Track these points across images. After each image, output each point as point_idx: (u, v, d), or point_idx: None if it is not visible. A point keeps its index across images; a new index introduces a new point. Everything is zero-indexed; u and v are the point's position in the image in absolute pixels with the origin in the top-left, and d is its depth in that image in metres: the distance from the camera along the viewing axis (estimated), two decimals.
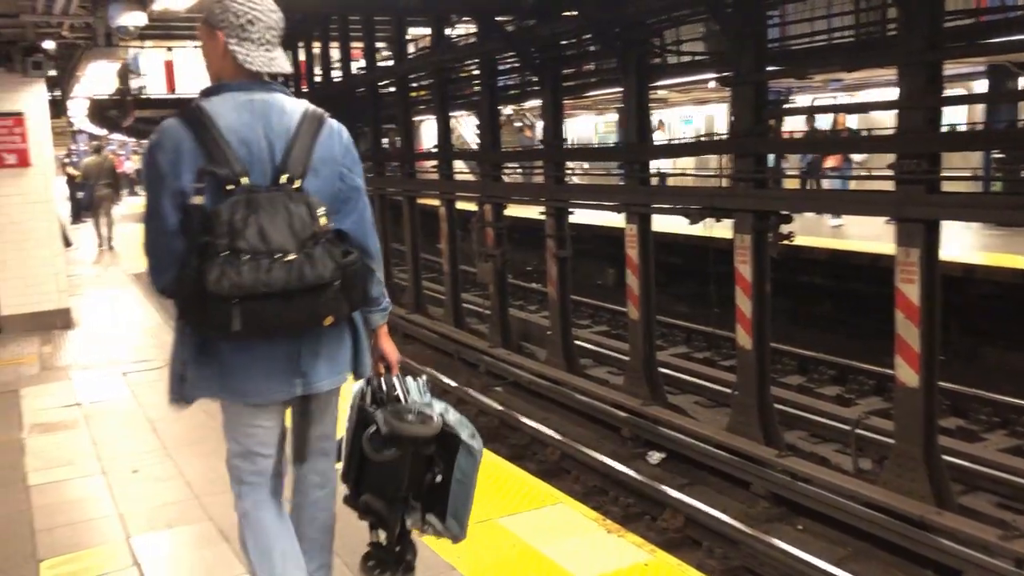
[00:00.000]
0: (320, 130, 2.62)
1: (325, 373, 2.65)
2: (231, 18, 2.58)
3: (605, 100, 18.73)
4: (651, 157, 8.83)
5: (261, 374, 2.58)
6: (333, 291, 2.49)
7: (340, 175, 2.65)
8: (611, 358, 11.12)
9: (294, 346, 2.58)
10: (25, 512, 4.28)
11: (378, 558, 3.02)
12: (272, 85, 2.67)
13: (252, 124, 2.54)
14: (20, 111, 8.50)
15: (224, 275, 2.35)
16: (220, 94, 2.57)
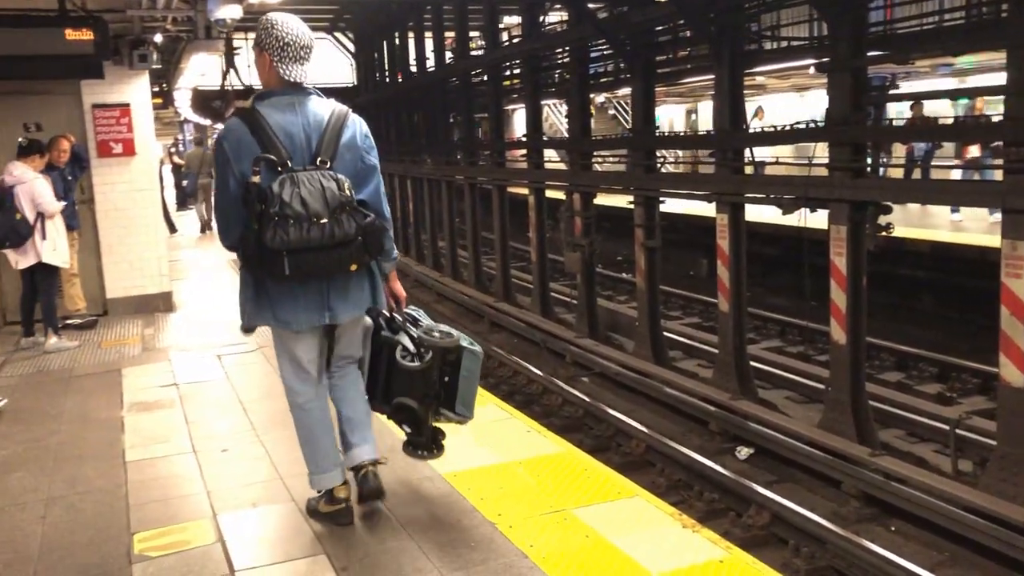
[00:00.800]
0: (344, 123, 3.51)
1: (346, 309, 3.58)
2: (274, 43, 3.44)
3: (701, 87, 18.37)
4: (743, 145, 8.61)
5: (300, 308, 3.51)
6: (357, 245, 3.38)
7: (361, 157, 3.54)
8: (702, 351, 10.94)
9: (323, 288, 3.51)
10: (121, 486, 4.47)
11: (415, 443, 3.94)
12: (307, 89, 3.51)
13: (293, 120, 3.43)
14: (126, 102, 8.87)
15: (276, 234, 3.24)
16: (269, 98, 3.47)
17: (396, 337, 3.82)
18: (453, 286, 15.63)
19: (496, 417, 5.23)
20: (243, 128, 3.38)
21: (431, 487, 4.21)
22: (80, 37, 7.43)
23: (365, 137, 3.57)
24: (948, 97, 14.04)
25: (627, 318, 12.35)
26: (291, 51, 3.44)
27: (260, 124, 3.37)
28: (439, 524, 3.80)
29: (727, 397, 8.31)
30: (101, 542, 3.85)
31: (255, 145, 3.35)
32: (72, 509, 4.25)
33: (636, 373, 9.58)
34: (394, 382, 3.83)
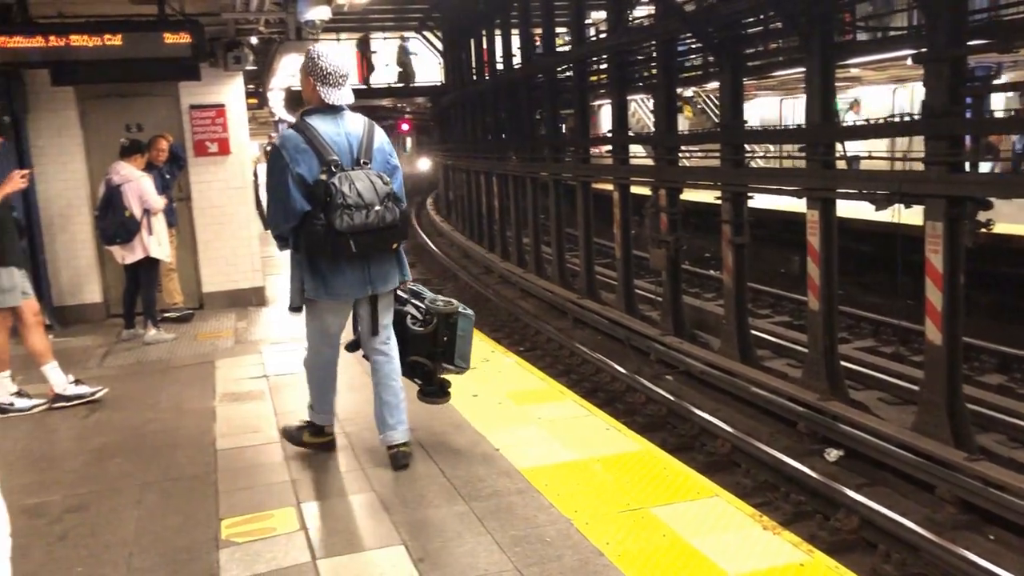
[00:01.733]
0: (374, 132, 4.39)
1: (384, 282, 4.42)
2: (319, 71, 4.23)
3: (794, 80, 17.93)
4: (834, 139, 8.36)
5: (347, 283, 4.33)
6: (399, 228, 4.28)
7: (387, 159, 4.42)
8: (791, 350, 10.68)
9: (364, 267, 4.32)
10: (211, 474, 4.63)
11: (428, 392, 4.79)
12: (342, 108, 4.33)
13: (337, 131, 4.27)
14: (222, 103, 9.17)
15: (343, 220, 4.07)
16: (315, 114, 4.29)
17: (404, 308, 4.66)
18: (537, 282, 15.65)
19: (575, 414, 5.22)
20: (299, 138, 4.20)
21: (508, 482, 4.23)
22: (178, 40, 7.71)
23: (388, 142, 4.48)
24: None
25: (714, 316, 12.15)
26: (332, 79, 4.24)
27: (312, 134, 4.20)
28: (515, 519, 3.82)
29: (816, 397, 8.10)
30: (191, 527, 3.99)
31: (310, 152, 4.17)
32: (165, 495, 4.43)
33: (722, 372, 9.42)
34: (408, 345, 4.62)
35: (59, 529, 4.04)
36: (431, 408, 5.44)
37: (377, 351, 4.53)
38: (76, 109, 8.94)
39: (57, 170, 8.87)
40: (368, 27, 24.65)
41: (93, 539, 3.93)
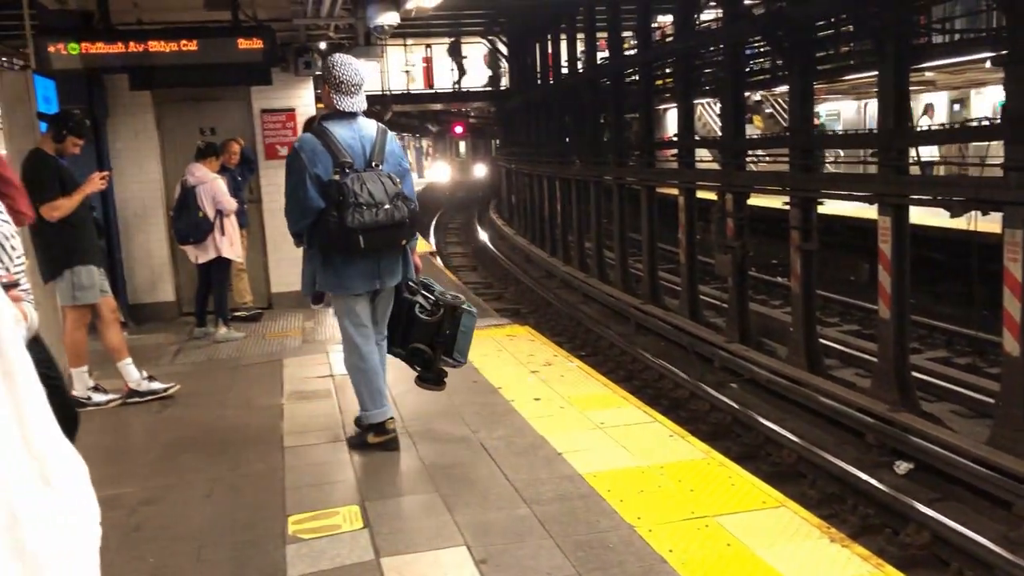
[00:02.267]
0: (386, 136, 4.70)
1: (391, 278, 4.76)
2: (333, 80, 4.55)
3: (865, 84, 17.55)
4: (908, 144, 8.16)
5: (358, 276, 4.64)
6: (407, 226, 4.57)
7: (399, 161, 4.74)
8: (861, 359, 10.44)
9: (375, 262, 4.63)
10: (279, 470, 4.72)
11: (425, 378, 5.06)
12: (356, 114, 4.63)
13: (352, 135, 4.58)
14: (292, 107, 9.35)
15: (354, 218, 4.37)
16: (331, 119, 4.63)
17: (414, 298, 4.97)
18: (599, 287, 15.59)
19: (638, 420, 5.19)
20: (316, 141, 4.54)
21: (570, 486, 4.22)
22: (251, 46, 7.90)
23: (400, 146, 4.86)
24: None
25: (780, 323, 11.95)
26: (344, 88, 4.56)
27: (329, 138, 4.53)
28: (577, 523, 3.81)
29: (886, 408, 7.89)
30: (258, 522, 4.07)
31: (327, 154, 4.49)
32: (233, 490, 4.52)
33: (789, 381, 9.26)
34: (412, 331, 4.95)
35: (134, 520, 4.15)
36: (495, 410, 5.49)
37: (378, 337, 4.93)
38: (153, 113, 9.20)
39: (134, 172, 9.14)
40: (432, 32, 24.88)
41: (165, 531, 4.03)
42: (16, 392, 1.57)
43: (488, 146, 37.83)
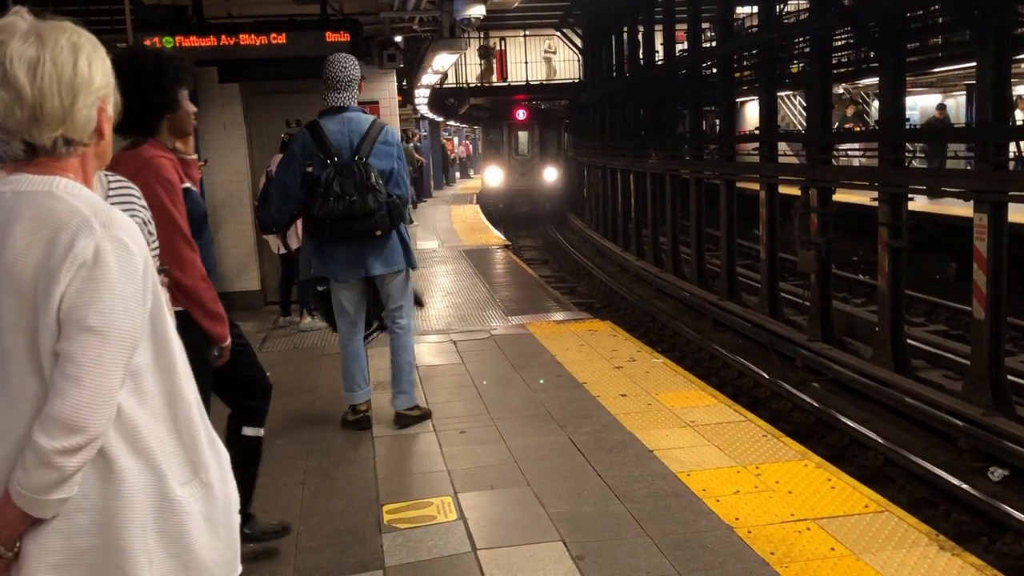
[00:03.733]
0: (381, 131, 4.90)
1: (378, 266, 4.96)
2: (324, 77, 4.92)
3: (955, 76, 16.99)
4: (1009, 138, 7.85)
5: (342, 265, 4.97)
6: (380, 216, 4.76)
7: (390, 156, 4.91)
8: (948, 360, 10.11)
9: (361, 250, 4.89)
10: (370, 459, 4.77)
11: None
12: (348, 108, 4.91)
13: (340, 129, 4.84)
14: (376, 100, 9.44)
15: (321, 207, 4.70)
16: (325, 115, 4.90)
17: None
18: (674, 283, 15.41)
19: (730, 419, 5.11)
20: (307, 135, 4.87)
21: (664, 484, 4.18)
22: (338, 39, 7.99)
23: (398, 143, 5.04)
24: None
25: (864, 322, 11.65)
26: (331, 84, 4.89)
27: (319, 132, 4.82)
28: (674, 522, 3.76)
29: (979, 412, 7.63)
30: (354, 510, 4.12)
31: (316, 147, 4.81)
32: (327, 477, 4.59)
33: (874, 381, 9.02)
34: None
35: None
36: (581, 405, 5.48)
37: (392, 326, 5.23)
38: (241, 105, 9.38)
39: (223, 163, 9.34)
40: (506, 25, 24.87)
41: (264, 517, 4.09)
42: (173, 385, 1.60)
43: (559, 141, 28.81)
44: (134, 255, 1.52)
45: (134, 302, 1.51)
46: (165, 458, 1.56)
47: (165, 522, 1.54)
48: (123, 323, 1.48)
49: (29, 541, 1.50)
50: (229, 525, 1.69)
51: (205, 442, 1.64)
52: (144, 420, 1.55)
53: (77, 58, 1.56)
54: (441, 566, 3.52)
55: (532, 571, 3.40)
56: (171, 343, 1.61)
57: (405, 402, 5.26)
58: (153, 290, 1.57)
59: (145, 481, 1.53)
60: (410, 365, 5.24)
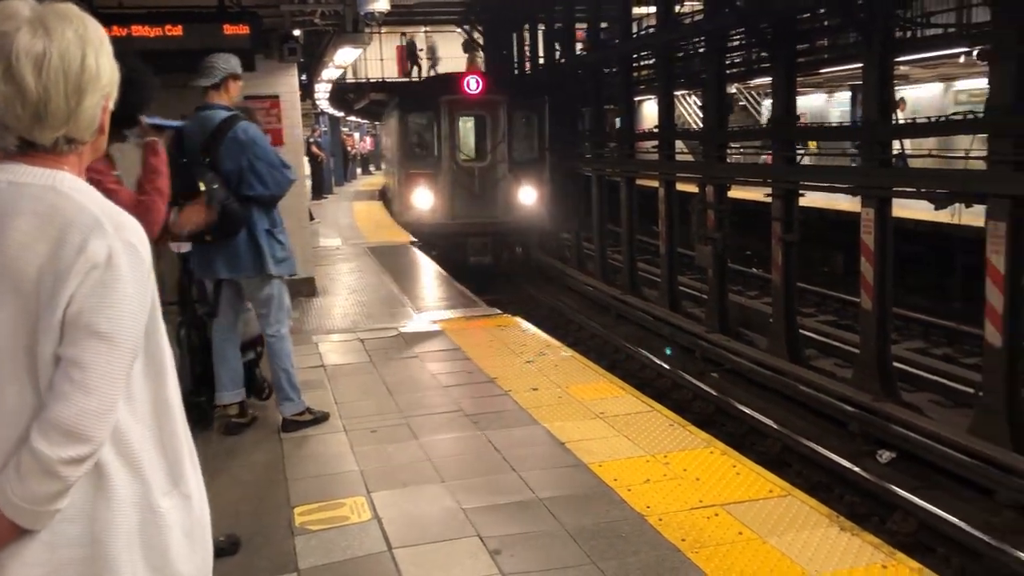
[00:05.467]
0: (232, 129, 4.73)
1: (229, 270, 4.88)
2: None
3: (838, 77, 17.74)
4: (894, 137, 8.26)
5: (199, 263, 4.99)
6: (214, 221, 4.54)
7: (240, 157, 4.71)
8: (838, 349, 10.58)
9: (210, 252, 4.83)
10: (279, 461, 4.68)
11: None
12: (211, 106, 4.84)
13: (195, 128, 4.76)
14: (276, 94, 9.22)
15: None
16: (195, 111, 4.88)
17: None
18: (579, 278, 15.62)
19: (638, 409, 5.22)
20: (174, 134, 4.58)
21: (577, 476, 4.24)
22: (237, 31, 7.76)
23: (253, 141, 4.77)
24: None
25: (759, 314, 12.07)
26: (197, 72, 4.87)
27: (180, 131, 4.66)
28: (588, 512, 3.82)
29: (869, 398, 8.01)
30: (263, 514, 4.04)
31: (173, 146, 4.48)
32: (234, 481, 4.48)
33: (770, 370, 9.36)
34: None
35: None
36: (492, 400, 5.51)
37: (265, 334, 5.09)
38: None
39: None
40: (412, 21, 24.70)
41: None
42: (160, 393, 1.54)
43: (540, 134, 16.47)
44: (143, 260, 1.46)
45: (141, 308, 1.45)
46: (151, 468, 1.50)
47: (148, 534, 1.48)
48: (131, 330, 1.42)
49: (9, 556, 1.41)
50: (205, 539, 1.64)
51: (187, 453, 1.59)
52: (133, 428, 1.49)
53: (85, 53, 1.47)
54: (357, 566, 3.48)
55: (449, 567, 3.41)
56: (163, 349, 1.56)
57: (290, 408, 5.11)
58: (152, 293, 1.51)
59: (133, 491, 1.47)
60: (287, 372, 5.04)
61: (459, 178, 15.38)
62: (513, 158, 15.55)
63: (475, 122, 15.69)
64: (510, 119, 15.46)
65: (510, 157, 15.51)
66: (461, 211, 15.35)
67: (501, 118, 15.38)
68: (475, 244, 15.39)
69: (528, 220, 15.70)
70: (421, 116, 15.78)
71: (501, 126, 15.42)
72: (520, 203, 15.54)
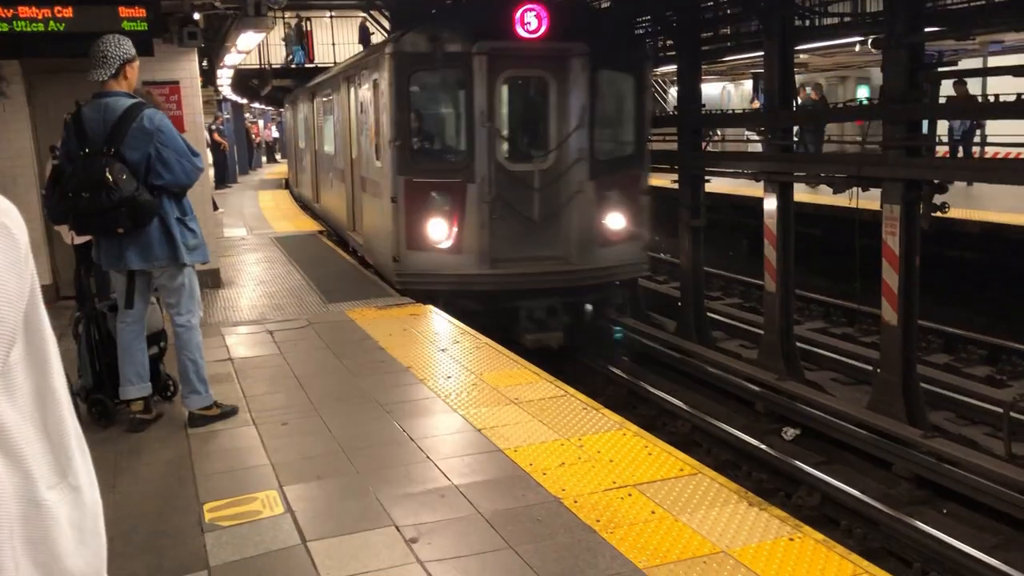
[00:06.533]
0: (137, 118, 4.57)
1: (137, 260, 4.76)
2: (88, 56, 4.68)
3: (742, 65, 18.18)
4: (794, 123, 8.50)
5: (106, 255, 4.81)
6: (119, 213, 4.50)
7: (148, 146, 4.59)
8: (743, 331, 10.88)
9: (121, 242, 4.70)
10: (186, 458, 4.55)
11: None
12: (110, 93, 4.63)
13: (96, 116, 4.61)
14: (176, 80, 8.91)
15: (65, 202, 4.59)
16: (90, 99, 4.70)
17: None
18: None
19: (552, 394, 5.25)
20: (72, 123, 4.67)
21: (493, 462, 4.24)
22: (133, 14, 7.47)
23: (158, 129, 4.64)
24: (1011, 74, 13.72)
25: (667, 298, 12.30)
26: (90, 63, 4.67)
27: (79, 119, 4.63)
28: (504, 498, 3.83)
29: (774, 378, 8.26)
30: (172, 512, 3.92)
31: (74, 136, 4.62)
32: (140, 480, 4.34)
33: (680, 353, 9.55)
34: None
35: None
36: (407, 390, 5.46)
37: (174, 324, 4.98)
38: (22, 84, 8.60)
39: (1, 147, 8.55)
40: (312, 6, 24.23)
41: None
42: (44, 382, 1.45)
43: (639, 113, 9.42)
44: (18, 241, 1.36)
45: (17, 293, 1.36)
46: (34, 459, 1.41)
47: (32, 528, 1.39)
48: (5, 316, 1.33)
49: None
50: (96, 531, 1.55)
51: (74, 443, 1.50)
52: (12, 418, 1.39)
53: None
54: (270, 561, 3.41)
55: (365, 558, 3.37)
56: (45, 336, 1.46)
57: (197, 402, 4.99)
58: (32, 278, 1.41)
59: (13, 484, 1.38)
60: (195, 363, 4.93)
61: (505, 191, 8.74)
62: (596, 155, 8.94)
63: (531, 91, 9.24)
64: (593, 87, 8.80)
65: (592, 154, 8.88)
66: (507, 251, 8.76)
67: (579, 84, 8.73)
68: (533, 312, 8.80)
69: (621, 263, 9.27)
70: (432, 79, 9.12)
71: (579, 99, 8.74)
72: (608, 233, 9.04)
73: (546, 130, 8.94)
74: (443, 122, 9.52)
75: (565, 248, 8.87)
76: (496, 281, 8.68)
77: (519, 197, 8.74)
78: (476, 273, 8.64)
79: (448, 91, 9.22)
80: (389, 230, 8.95)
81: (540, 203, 8.79)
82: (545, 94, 8.89)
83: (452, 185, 8.74)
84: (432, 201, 8.73)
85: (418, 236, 8.71)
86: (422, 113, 9.30)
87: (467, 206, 8.63)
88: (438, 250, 8.70)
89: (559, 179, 8.80)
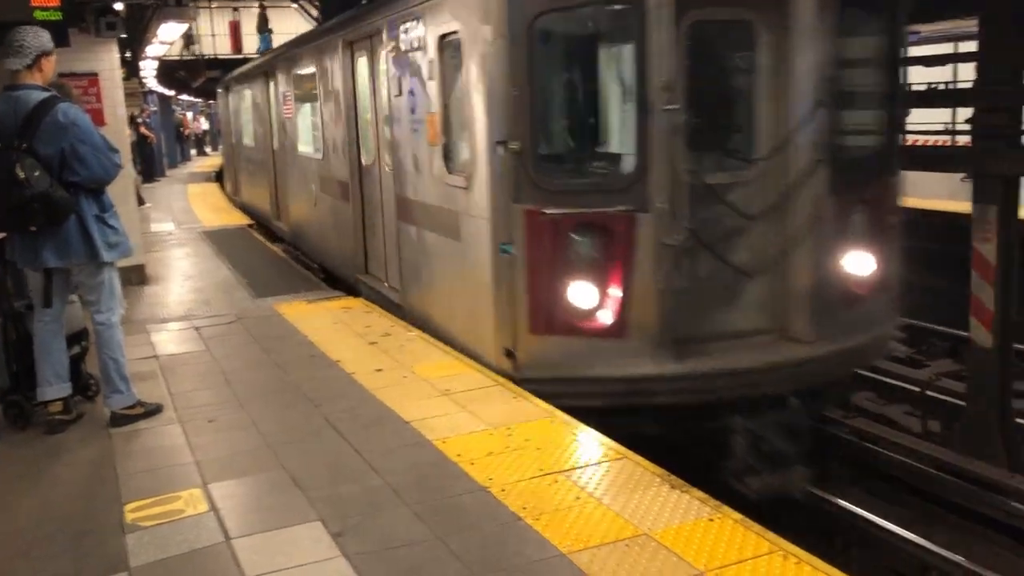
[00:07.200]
0: (50, 111, 4.45)
1: (53, 257, 4.61)
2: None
3: None
4: None
5: (22, 252, 4.67)
6: (31, 210, 4.39)
7: (66, 139, 4.48)
8: None
9: (35, 239, 4.56)
10: (108, 458, 4.46)
11: None
12: (23, 86, 4.52)
13: (7, 110, 4.47)
14: (94, 71, 8.67)
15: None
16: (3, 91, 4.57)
17: None
18: None
19: (481, 385, 5.27)
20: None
21: (421, 454, 4.25)
22: (45, 3, 7.24)
23: (74, 124, 4.52)
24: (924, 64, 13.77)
25: None
26: (3, 50, 4.53)
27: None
28: (431, 489, 3.85)
29: None
30: (92, 513, 3.85)
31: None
32: (59, 481, 4.25)
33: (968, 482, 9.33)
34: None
35: None
36: (336, 383, 5.45)
37: (94, 322, 4.84)
38: None
39: None
40: None
41: None
42: None
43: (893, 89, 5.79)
44: None
45: None
46: None
47: None
48: None
49: None
50: None
51: None
52: None
53: None
54: (192, 560, 3.37)
55: (290, 553, 3.35)
56: None
57: (119, 401, 4.88)
58: None
59: None
60: (116, 362, 4.81)
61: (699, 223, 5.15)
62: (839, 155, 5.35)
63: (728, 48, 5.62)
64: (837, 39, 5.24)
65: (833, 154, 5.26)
66: (698, 325, 5.23)
67: (814, 33, 5.10)
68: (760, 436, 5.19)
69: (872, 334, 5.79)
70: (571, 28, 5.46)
71: (814, 58, 5.11)
72: (855, 285, 5.58)
73: (753, 115, 5.36)
74: (588, 106, 5.56)
75: (794, 315, 5.26)
76: (691, 387, 5.06)
77: (717, 231, 5.21)
78: (655, 374, 5.05)
79: (599, 52, 5.47)
80: (485, 299, 5.43)
81: (752, 240, 5.28)
82: (752, 52, 5.29)
83: (611, 219, 5.05)
84: (576, 248, 5.13)
85: (553, 310, 5.14)
86: (553, 92, 5.44)
87: (638, 253, 5.05)
88: (586, 330, 5.14)
89: (786, 198, 5.20)
